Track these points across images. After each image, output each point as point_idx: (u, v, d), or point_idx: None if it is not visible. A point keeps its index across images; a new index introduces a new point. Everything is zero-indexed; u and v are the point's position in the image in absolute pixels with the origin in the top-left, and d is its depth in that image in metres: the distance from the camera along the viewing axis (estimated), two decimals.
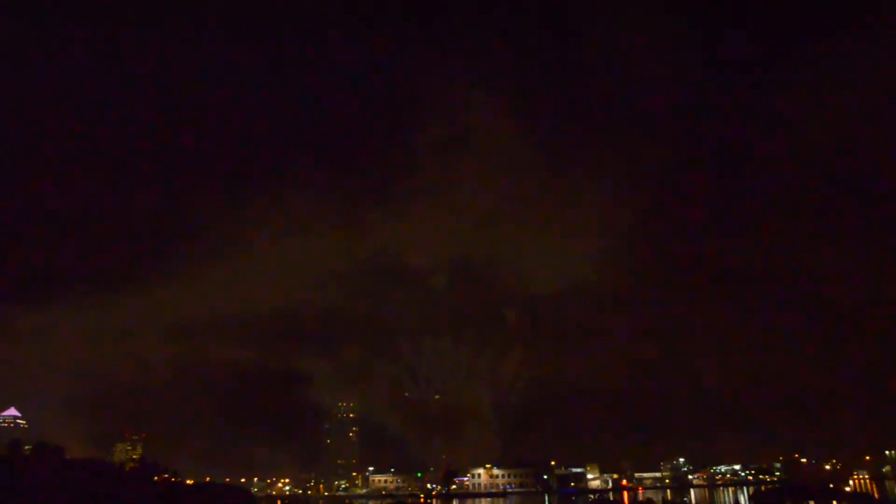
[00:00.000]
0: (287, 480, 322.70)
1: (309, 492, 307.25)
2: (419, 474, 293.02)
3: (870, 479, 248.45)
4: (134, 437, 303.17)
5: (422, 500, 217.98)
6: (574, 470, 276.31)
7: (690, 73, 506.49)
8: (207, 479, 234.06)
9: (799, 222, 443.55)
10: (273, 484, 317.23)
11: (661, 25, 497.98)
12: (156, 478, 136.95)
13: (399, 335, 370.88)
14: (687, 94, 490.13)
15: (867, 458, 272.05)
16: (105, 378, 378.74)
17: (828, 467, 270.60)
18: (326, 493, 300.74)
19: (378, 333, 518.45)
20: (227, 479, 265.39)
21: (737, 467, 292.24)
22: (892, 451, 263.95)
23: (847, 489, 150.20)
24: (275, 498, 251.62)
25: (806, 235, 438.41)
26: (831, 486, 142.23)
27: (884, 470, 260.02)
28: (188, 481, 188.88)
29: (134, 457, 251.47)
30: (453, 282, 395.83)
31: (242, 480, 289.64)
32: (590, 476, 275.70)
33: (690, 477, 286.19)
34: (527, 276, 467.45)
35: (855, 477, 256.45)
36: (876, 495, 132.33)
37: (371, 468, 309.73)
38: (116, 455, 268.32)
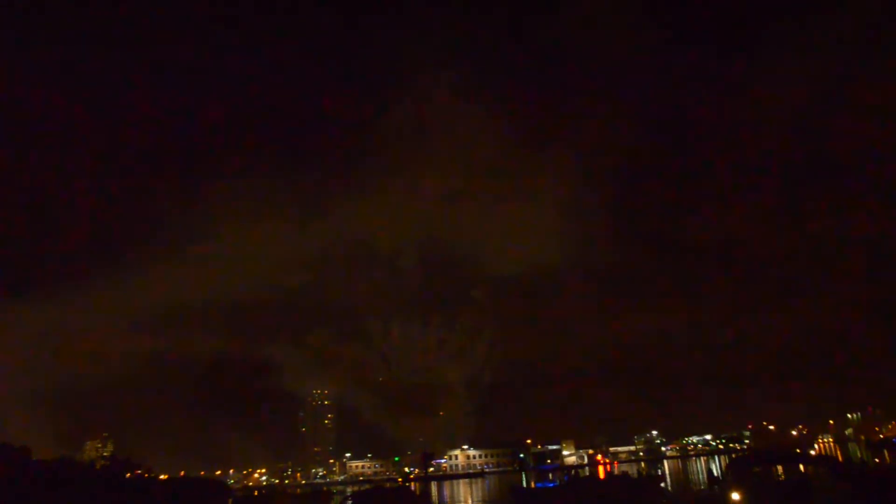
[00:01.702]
0: (263, 470, 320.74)
1: (286, 480, 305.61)
2: (396, 458, 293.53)
3: (833, 442, 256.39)
4: (104, 434, 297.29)
5: (400, 482, 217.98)
6: (550, 447, 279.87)
7: (656, 51, 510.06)
8: (182, 473, 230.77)
9: (765, 197, 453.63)
10: (249, 475, 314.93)
11: (626, 3, 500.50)
12: (128, 474, 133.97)
13: (369, 318, 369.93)
14: (653, 72, 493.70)
15: (831, 422, 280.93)
16: (69, 375, 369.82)
17: (794, 433, 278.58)
18: (304, 482, 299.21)
19: (347, 317, 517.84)
20: (202, 472, 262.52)
21: (708, 437, 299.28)
22: (854, 415, 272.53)
23: (812, 453, 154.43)
24: (251, 489, 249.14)
25: (770, 209, 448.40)
26: (798, 450, 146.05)
27: (846, 432, 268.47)
28: (162, 476, 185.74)
29: (105, 454, 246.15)
30: (421, 263, 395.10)
31: (218, 473, 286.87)
32: (565, 452, 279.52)
33: (663, 449, 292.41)
34: (494, 257, 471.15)
35: (820, 441, 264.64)
36: (840, 458, 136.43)
37: (348, 454, 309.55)
38: (86, 453, 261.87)
